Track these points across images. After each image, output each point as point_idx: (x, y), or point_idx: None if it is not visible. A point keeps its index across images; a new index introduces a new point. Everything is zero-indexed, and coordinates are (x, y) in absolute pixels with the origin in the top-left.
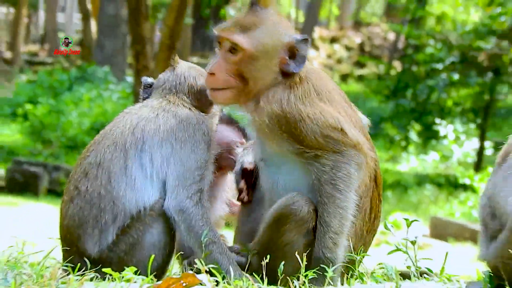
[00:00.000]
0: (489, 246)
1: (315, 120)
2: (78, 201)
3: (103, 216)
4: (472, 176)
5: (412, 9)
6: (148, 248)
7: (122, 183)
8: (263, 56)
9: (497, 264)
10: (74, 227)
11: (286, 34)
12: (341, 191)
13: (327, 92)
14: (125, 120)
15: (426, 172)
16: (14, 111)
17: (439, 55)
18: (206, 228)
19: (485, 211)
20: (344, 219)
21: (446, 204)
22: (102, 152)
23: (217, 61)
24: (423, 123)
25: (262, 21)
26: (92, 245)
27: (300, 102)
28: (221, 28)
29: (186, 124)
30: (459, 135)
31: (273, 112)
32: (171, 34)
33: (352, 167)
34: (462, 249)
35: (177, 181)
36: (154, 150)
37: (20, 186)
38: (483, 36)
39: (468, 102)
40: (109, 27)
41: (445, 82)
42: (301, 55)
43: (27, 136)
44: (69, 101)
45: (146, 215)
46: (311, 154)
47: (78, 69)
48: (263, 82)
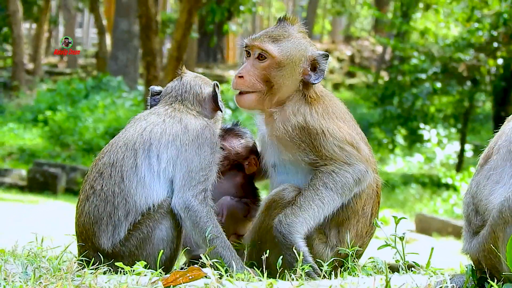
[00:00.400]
0: (472, 240)
1: (334, 134)
2: (93, 199)
3: (117, 213)
4: (454, 176)
5: (398, 24)
6: (157, 242)
7: (134, 181)
8: (288, 64)
9: (479, 258)
10: (90, 223)
11: (309, 49)
12: (327, 188)
13: (341, 112)
14: (135, 125)
15: (412, 173)
16: (35, 117)
17: (423, 66)
18: (210, 224)
19: (469, 208)
20: (317, 206)
21: (430, 202)
22: (115, 153)
23: (246, 66)
24: (408, 128)
25: (289, 35)
26: (106, 240)
27: (321, 117)
28: (252, 38)
29: (190, 129)
30: (441, 139)
31: (297, 123)
32: (179, 47)
33: (352, 178)
34: (445, 243)
35: (183, 181)
36: (160, 151)
37: (40, 185)
38: (463, 49)
39: (449, 109)
40: (123, 41)
41: (428, 91)
42: (321, 68)
43: (47, 140)
44: (86, 108)
45: (156, 212)
46: (322, 163)
47: (94, 79)
48: (287, 88)
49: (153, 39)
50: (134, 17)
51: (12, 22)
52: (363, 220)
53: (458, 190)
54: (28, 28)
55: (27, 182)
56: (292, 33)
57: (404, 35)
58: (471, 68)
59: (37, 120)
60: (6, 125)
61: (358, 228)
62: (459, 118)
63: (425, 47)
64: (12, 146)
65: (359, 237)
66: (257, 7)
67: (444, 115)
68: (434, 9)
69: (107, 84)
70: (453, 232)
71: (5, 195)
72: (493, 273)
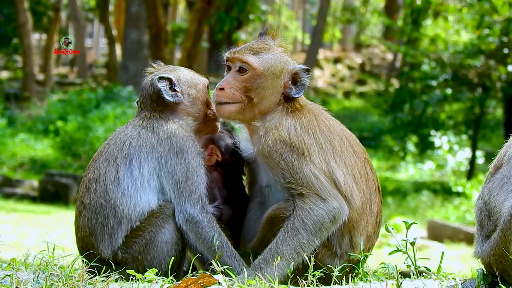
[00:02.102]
0: (484, 244)
1: (312, 158)
2: (85, 213)
3: (109, 223)
4: (464, 184)
5: (408, 31)
6: (161, 246)
7: (118, 193)
8: (269, 76)
9: (490, 261)
10: (87, 236)
11: (290, 62)
12: (307, 231)
13: (325, 126)
14: (115, 138)
15: (423, 180)
16: (46, 127)
17: (433, 72)
18: (213, 233)
19: (482, 213)
20: (295, 253)
21: (442, 209)
22: (98, 168)
23: (227, 78)
24: (419, 135)
25: (270, 48)
26: (105, 249)
27: (305, 132)
28: (232, 51)
29: (163, 138)
30: (452, 146)
31: (279, 137)
32: (189, 57)
33: (327, 218)
34: (457, 250)
35: (175, 194)
36: (141, 164)
37: (52, 196)
38: (473, 55)
39: (460, 116)
40: (133, 51)
41: (439, 97)
42: (302, 83)
43: (58, 150)
44: (96, 118)
45: (157, 218)
46: (296, 192)
47: (104, 89)
48: (268, 101)
49: (163, 49)
50: (144, 27)
51: (22, 33)
52: (372, 220)
53: (469, 198)
54: (38, 39)
55: (38, 193)
56: (273, 46)
57: (415, 42)
58: (481, 75)
59: (48, 131)
60: (18, 136)
61: (368, 229)
62: (470, 124)
63: (435, 54)
64: (23, 157)
65: (369, 238)
66: (266, 16)
67: (455, 122)
68: (443, 16)
69: (118, 94)
70: (465, 239)
71: (17, 206)
72: (504, 277)
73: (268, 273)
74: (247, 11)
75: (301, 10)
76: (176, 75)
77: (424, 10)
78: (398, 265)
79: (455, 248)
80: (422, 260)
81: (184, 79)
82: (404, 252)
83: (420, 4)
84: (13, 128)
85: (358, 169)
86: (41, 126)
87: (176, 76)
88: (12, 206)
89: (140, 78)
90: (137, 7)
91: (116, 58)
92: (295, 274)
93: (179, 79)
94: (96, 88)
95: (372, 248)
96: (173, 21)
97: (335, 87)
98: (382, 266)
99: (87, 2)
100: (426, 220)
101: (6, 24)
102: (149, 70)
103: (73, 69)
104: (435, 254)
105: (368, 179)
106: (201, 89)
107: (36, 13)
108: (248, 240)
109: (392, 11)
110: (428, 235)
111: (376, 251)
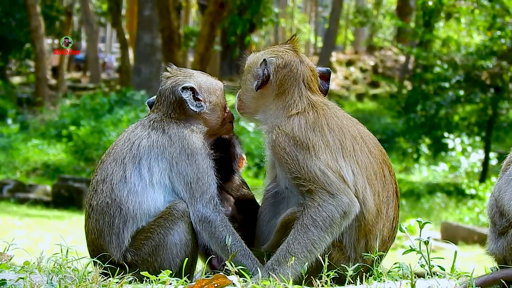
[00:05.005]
0: (498, 241)
1: (318, 154)
2: (93, 215)
3: (114, 221)
4: (477, 187)
5: (420, 33)
6: (170, 247)
7: (124, 191)
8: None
9: (505, 257)
10: (96, 239)
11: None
12: (317, 227)
13: (337, 127)
14: (124, 138)
15: (437, 182)
16: (59, 132)
17: (446, 74)
18: (226, 233)
19: (493, 210)
20: (307, 251)
21: (456, 210)
22: (105, 169)
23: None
24: (432, 137)
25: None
26: (113, 250)
27: (310, 129)
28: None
29: (174, 140)
30: (465, 147)
31: (283, 132)
32: (202, 60)
33: (337, 213)
34: (471, 251)
35: (188, 195)
36: (151, 163)
37: (65, 200)
38: (485, 56)
39: (473, 117)
40: (145, 54)
41: (452, 99)
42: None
43: (71, 155)
44: (109, 122)
45: (166, 220)
46: (305, 189)
47: (117, 93)
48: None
49: (176, 52)
50: (156, 30)
51: (35, 37)
52: (388, 224)
53: (483, 199)
54: (51, 44)
55: (52, 198)
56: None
57: (427, 44)
58: (494, 76)
59: (61, 136)
60: (30, 141)
61: (383, 233)
62: (483, 126)
63: (448, 56)
64: (36, 162)
65: (383, 242)
66: (279, 19)
67: (468, 123)
68: (455, 18)
69: (131, 98)
70: (478, 240)
71: (30, 211)
72: None
73: (281, 273)
74: (260, 14)
75: (313, 13)
76: (197, 82)
77: (436, 12)
78: (412, 266)
79: (469, 249)
80: (436, 260)
81: (204, 86)
82: (418, 252)
83: (432, 6)
84: (26, 133)
85: (374, 170)
86: (54, 131)
87: (198, 84)
88: (25, 211)
89: (153, 81)
90: (150, 10)
91: (129, 62)
92: (309, 274)
93: (200, 86)
94: (109, 92)
95: (387, 252)
96: (185, 24)
97: (348, 90)
98: (396, 266)
99: (99, 6)
100: (440, 221)
101: (18, 29)
102: (165, 74)
103: (86, 74)
104: (449, 255)
105: (386, 182)
106: (219, 95)
107: (49, 17)
108: (262, 242)
109: (404, 13)
110: (442, 237)
111: (390, 253)
